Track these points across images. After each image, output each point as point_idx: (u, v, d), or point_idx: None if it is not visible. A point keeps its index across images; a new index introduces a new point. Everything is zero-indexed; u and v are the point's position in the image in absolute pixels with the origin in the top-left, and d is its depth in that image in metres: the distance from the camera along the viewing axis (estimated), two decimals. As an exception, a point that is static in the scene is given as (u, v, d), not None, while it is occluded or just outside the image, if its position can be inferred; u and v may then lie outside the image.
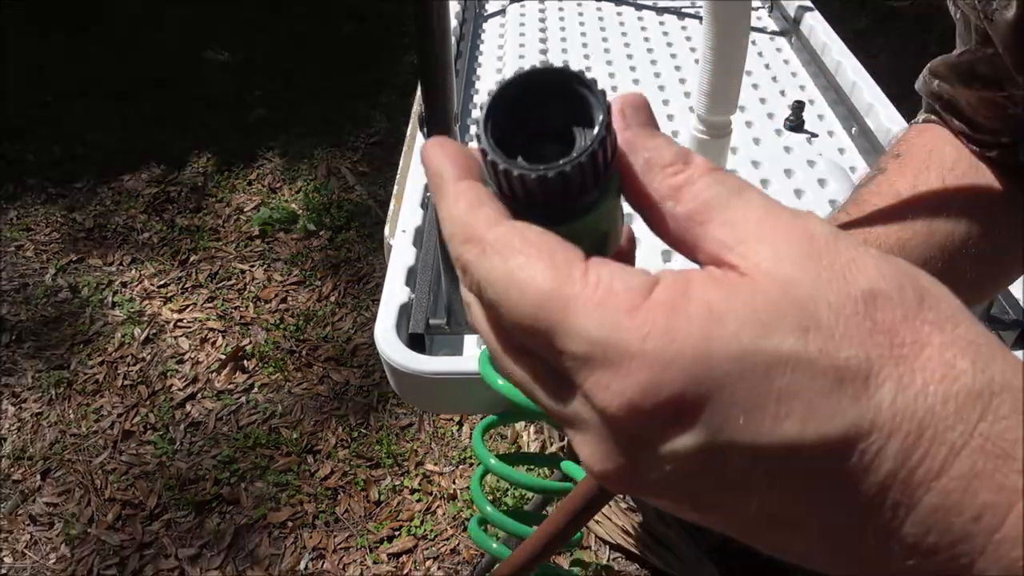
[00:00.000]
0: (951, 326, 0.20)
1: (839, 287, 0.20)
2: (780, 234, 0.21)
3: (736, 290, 0.20)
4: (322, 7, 3.66)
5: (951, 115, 0.55)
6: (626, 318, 0.20)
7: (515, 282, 0.21)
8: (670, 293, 0.20)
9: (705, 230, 0.22)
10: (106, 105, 3.01)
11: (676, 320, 0.20)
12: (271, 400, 1.90)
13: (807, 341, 0.19)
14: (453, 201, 0.24)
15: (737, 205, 0.22)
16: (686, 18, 1.43)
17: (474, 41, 1.37)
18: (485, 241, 0.22)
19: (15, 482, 1.75)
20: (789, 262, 0.20)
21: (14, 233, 2.44)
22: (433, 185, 0.25)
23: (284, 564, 1.58)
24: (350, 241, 2.36)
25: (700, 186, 0.23)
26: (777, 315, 0.19)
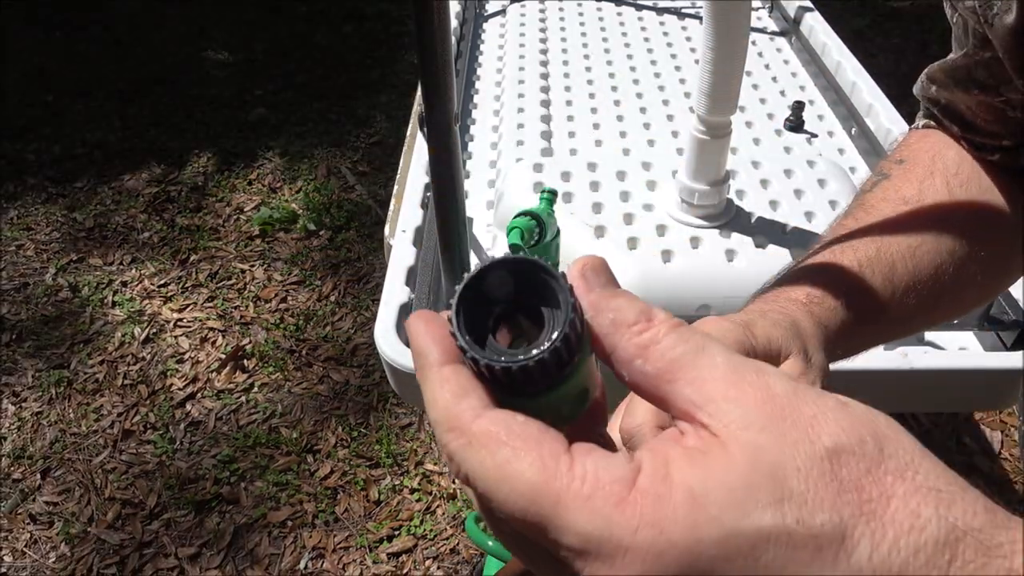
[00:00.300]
0: (911, 473, 0.21)
1: (805, 448, 0.21)
2: (745, 394, 0.22)
3: (711, 469, 0.21)
4: (322, 7, 3.66)
5: (950, 120, 0.55)
6: (616, 512, 0.21)
7: (504, 477, 0.22)
8: (653, 480, 0.21)
9: (674, 388, 0.23)
10: (106, 105, 3.01)
11: (662, 510, 0.21)
12: (271, 400, 1.90)
13: (784, 514, 0.20)
14: (438, 387, 0.24)
15: (702, 364, 0.23)
16: (686, 18, 1.43)
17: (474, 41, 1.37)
18: (471, 433, 0.23)
19: (15, 481, 1.75)
20: (756, 426, 0.22)
21: (14, 232, 2.44)
22: (417, 364, 0.26)
23: (284, 563, 1.58)
24: (350, 241, 2.36)
25: (666, 345, 0.24)
26: (753, 491, 0.21)
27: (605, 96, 1.19)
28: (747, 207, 0.89)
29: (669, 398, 0.24)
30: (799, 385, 0.23)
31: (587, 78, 1.23)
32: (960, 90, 0.53)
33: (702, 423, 0.23)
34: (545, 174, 0.93)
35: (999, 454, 1.76)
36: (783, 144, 1.10)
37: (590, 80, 1.23)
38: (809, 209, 0.90)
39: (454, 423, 0.24)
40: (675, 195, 0.87)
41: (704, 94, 0.78)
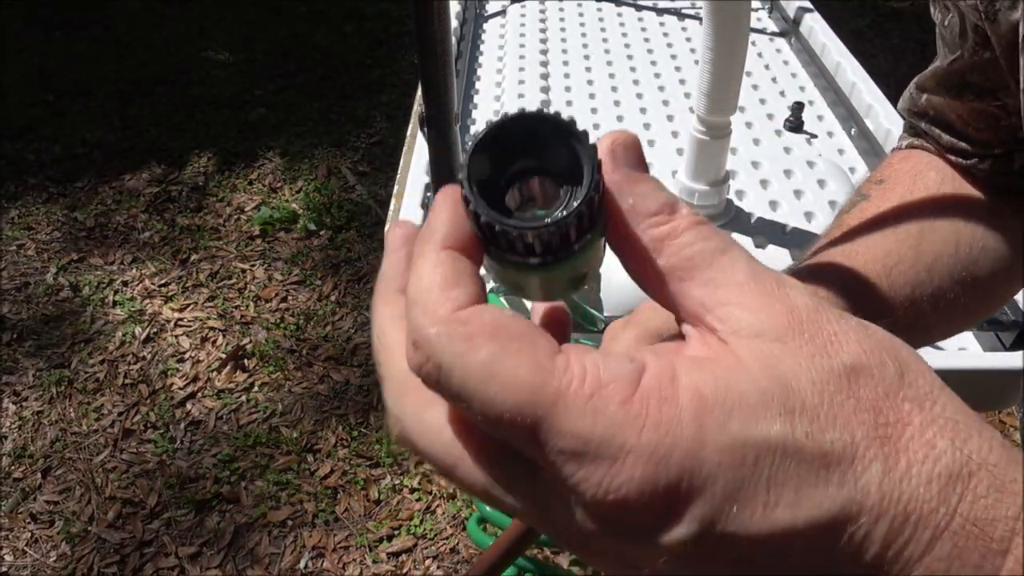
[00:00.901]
0: (929, 403, 0.20)
1: (821, 362, 0.20)
2: (762, 302, 0.21)
3: (721, 372, 0.20)
4: (322, 7, 3.66)
5: (941, 129, 0.55)
6: (620, 412, 0.19)
7: (493, 375, 0.20)
8: (659, 380, 0.20)
9: (685, 287, 0.22)
10: (107, 105, 3.01)
11: (668, 411, 0.19)
12: (271, 399, 1.90)
13: (793, 425, 0.19)
14: (431, 267, 0.22)
15: (721, 264, 0.22)
16: (686, 18, 1.43)
17: (474, 41, 1.37)
18: (455, 320, 0.21)
19: (16, 480, 1.75)
20: (771, 335, 0.20)
21: (15, 232, 2.44)
22: (420, 237, 0.23)
23: (284, 563, 1.58)
24: (350, 241, 2.36)
25: (684, 240, 0.22)
26: (764, 398, 0.20)
27: (605, 96, 1.19)
28: (747, 207, 0.89)
29: (678, 297, 0.22)
30: (821, 303, 0.21)
31: (587, 78, 1.23)
32: (952, 97, 0.53)
33: (710, 327, 0.21)
34: (545, 174, 0.93)
35: (999, 454, 1.76)
36: (783, 144, 1.10)
37: (590, 80, 1.23)
38: (809, 209, 0.90)
39: (435, 307, 0.21)
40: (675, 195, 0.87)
41: (704, 94, 0.78)
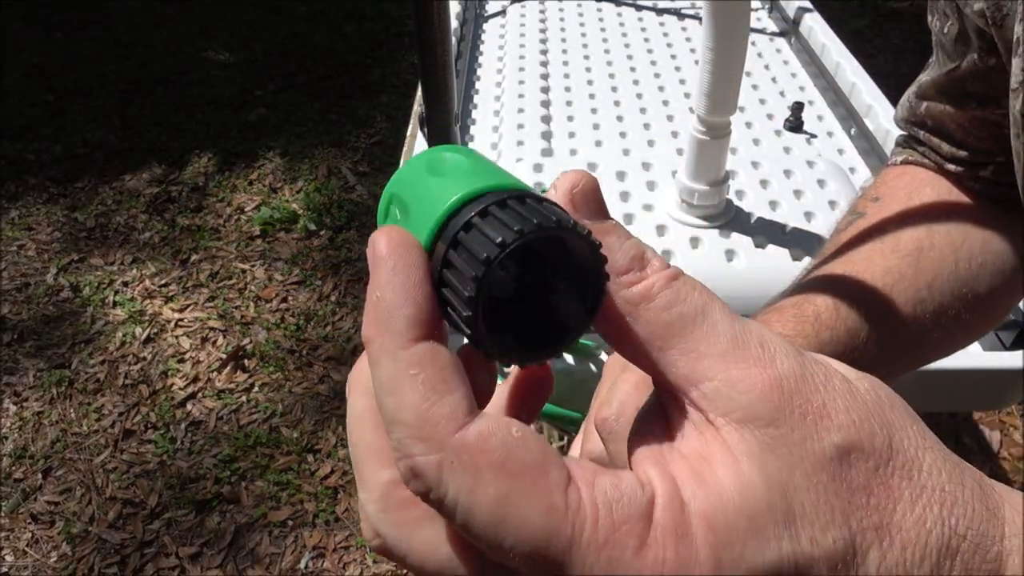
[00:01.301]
0: (916, 470, 0.21)
1: (812, 447, 0.20)
2: (750, 377, 0.20)
3: (724, 491, 0.20)
4: (322, 7, 3.66)
5: (940, 139, 0.54)
6: (636, 561, 0.19)
7: (505, 519, 0.19)
8: (671, 514, 0.19)
9: (666, 356, 0.21)
10: (107, 105, 3.01)
11: (684, 552, 0.19)
12: (271, 399, 1.90)
13: (799, 537, 0.20)
14: (406, 375, 0.19)
15: (701, 332, 0.21)
16: (686, 19, 1.43)
17: (474, 41, 1.37)
18: (454, 448, 0.19)
19: (16, 480, 1.75)
20: (762, 419, 0.20)
21: (16, 232, 2.44)
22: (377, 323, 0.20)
23: (284, 563, 1.58)
24: (351, 241, 2.36)
25: (660, 304, 0.21)
26: (770, 517, 0.20)
27: (605, 96, 1.19)
28: (747, 207, 0.90)
29: (660, 367, 0.21)
30: (805, 360, 0.21)
31: (587, 78, 1.23)
32: (954, 106, 0.52)
33: (697, 405, 0.21)
34: (545, 174, 0.93)
35: (998, 454, 1.76)
36: (783, 144, 1.10)
37: (590, 80, 1.23)
38: (809, 209, 0.90)
39: (429, 431, 0.19)
40: (675, 195, 0.88)
41: (704, 94, 0.79)
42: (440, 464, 0.19)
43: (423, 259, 0.21)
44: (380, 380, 0.20)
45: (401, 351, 0.20)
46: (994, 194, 0.53)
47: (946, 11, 0.50)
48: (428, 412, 0.19)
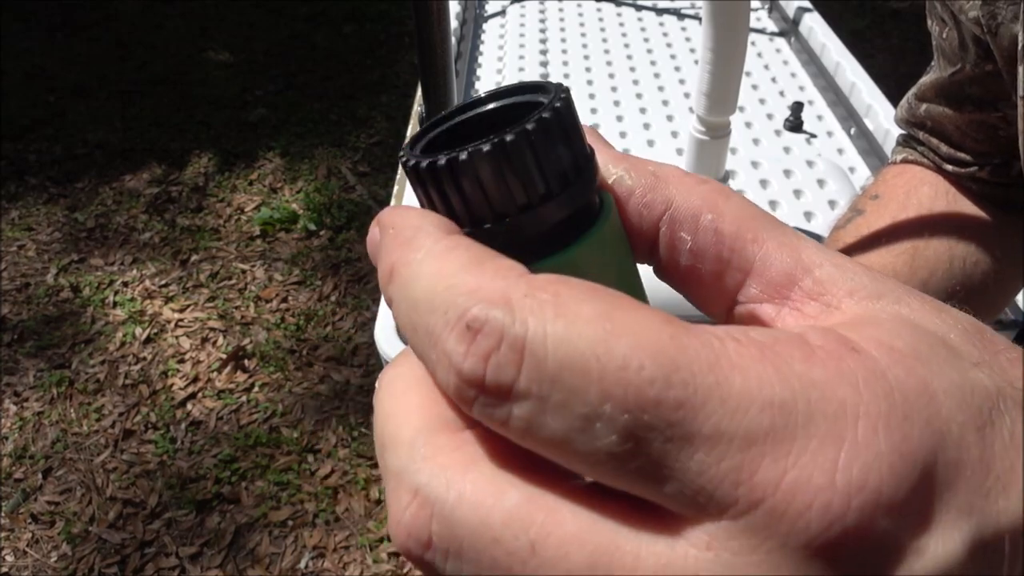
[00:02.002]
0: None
1: (951, 320, 0.16)
2: (856, 266, 0.17)
3: (885, 327, 0.15)
4: (323, 8, 3.66)
5: (939, 140, 0.55)
6: (815, 368, 0.13)
7: (615, 334, 0.13)
8: (831, 337, 0.14)
9: (765, 249, 0.17)
10: (107, 105, 3.01)
11: (872, 362, 0.14)
12: (272, 399, 1.90)
13: (989, 375, 0.15)
14: (445, 250, 0.15)
15: (788, 230, 0.17)
16: (686, 19, 1.43)
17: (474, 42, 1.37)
18: (524, 290, 0.14)
19: (17, 481, 1.75)
20: (891, 297, 0.16)
21: (16, 233, 2.44)
22: (399, 240, 0.16)
23: (284, 563, 1.58)
24: (350, 241, 2.36)
25: (738, 201, 0.18)
26: (949, 349, 0.15)
27: (605, 96, 1.19)
28: (746, 207, 0.90)
29: (754, 263, 0.17)
30: None
31: (587, 78, 1.23)
32: (952, 108, 0.53)
33: (810, 291, 0.16)
34: (545, 174, 0.93)
35: (999, 454, 1.77)
36: (782, 144, 1.10)
37: (590, 80, 1.23)
38: (808, 209, 0.90)
39: (483, 281, 0.14)
40: (674, 195, 0.87)
41: (703, 94, 0.79)
42: (508, 299, 0.13)
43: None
44: (409, 279, 0.15)
45: (434, 242, 0.15)
46: (991, 195, 0.54)
47: (943, 17, 0.50)
48: (481, 266, 0.14)
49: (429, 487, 0.14)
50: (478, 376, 0.13)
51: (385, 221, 0.17)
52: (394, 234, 0.16)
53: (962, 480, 0.13)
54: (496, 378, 0.13)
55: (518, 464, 0.14)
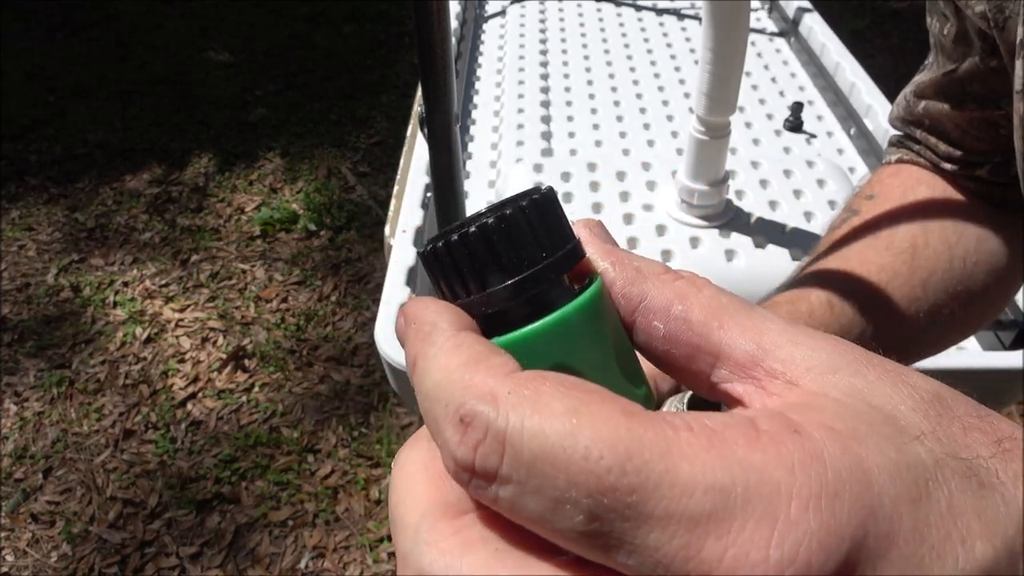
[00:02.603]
0: (1015, 424, 0.18)
1: (907, 391, 0.17)
2: (818, 341, 0.18)
3: (829, 408, 0.16)
4: (323, 8, 3.66)
5: (937, 138, 0.54)
6: (755, 453, 0.15)
7: (579, 429, 0.15)
8: (777, 421, 0.16)
9: (730, 335, 0.19)
10: (108, 105, 3.01)
11: (810, 444, 0.15)
12: (272, 399, 1.90)
13: (931, 448, 0.16)
14: (453, 347, 0.18)
15: (754, 314, 0.19)
16: (686, 19, 1.43)
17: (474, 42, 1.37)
18: (509, 387, 0.16)
19: (17, 481, 1.75)
20: (846, 369, 0.18)
21: (16, 233, 2.44)
22: (420, 335, 0.19)
23: (284, 563, 1.58)
24: (351, 241, 2.36)
25: (708, 292, 0.20)
26: (889, 427, 0.16)
27: (605, 96, 1.19)
28: (746, 207, 0.90)
29: (721, 348, 0.19)
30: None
31: (587, 78, 1.23)
32: (952, 106, 0.52)
33: (772, 371, 0.18)
34: (545, 174, 0.93)
35: (999, 454, 1.77)
36: (782, 144, 1.10)
37: (590, 80, 1.23)
38: (808, 209, 0.90)
39: (477, 379, 0.17)
40: (675, 195, 0.88)
41: (703, 94, 0.79)
42: (495, 396, 0.16)
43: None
44: (429, 366, 0.18)
45: (445, 339, 0.18)
46: (989, 194, 0.54)
47: (945, 12, 0.50)
48: (477, 364, 0.17)
49: (431, 569, 0.17)
50: (469, 462, 0.16)
51: (409, 315, 0.20)
52: (416, 328, 0.19)
53: (894, 550, 0.15)
54: (483, 465, 0.16)
55: (513, 540, 0.17)
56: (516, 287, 0.19)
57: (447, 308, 0.19)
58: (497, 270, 0.19)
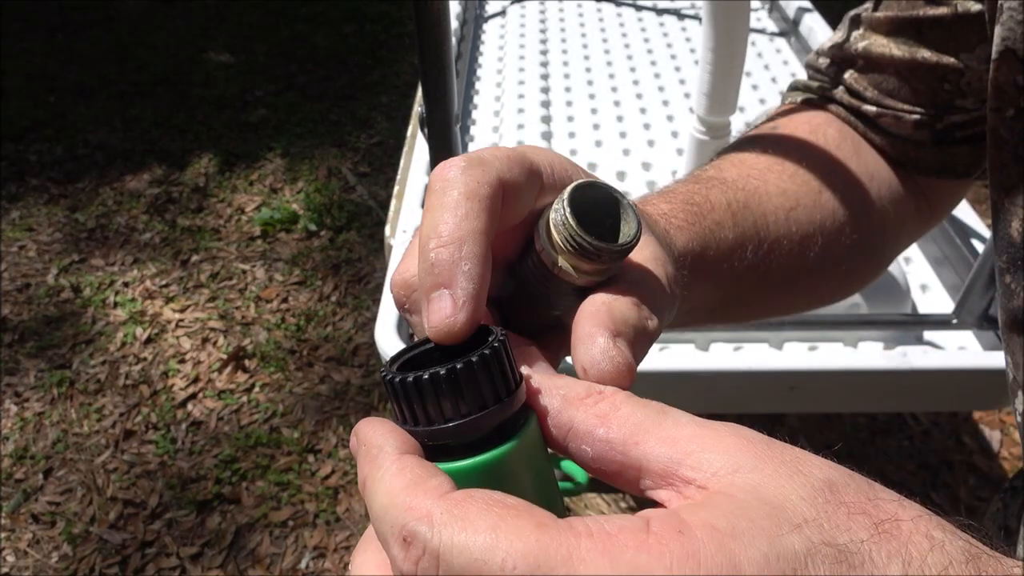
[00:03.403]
0: (907, 503, 0.21)
1: (800, 480, 0.20)
2: (724, 443, 0.21)
3: (720, 509, 0.20)
4: (323, 8, 3.66)
5: (868, 82, 0.52)
6: (641, 554, 0.18)
7: (497, 542, 0.19)
8: (667, 523, 0.19)
9: (646, 450, 0.22)
10: (108, 105, 3.02)
11: (690, 544, 0.18)
12: (272, 400, 1.90)
13: (808, 536, 0.19)
14: (396, 473, 0.21)
15: (667, 423, 0.22)
16: (686, 19, 1.43)
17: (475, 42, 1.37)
18: (442, 505, 0.20)
19: (18, 481, 1.75)
20: (746, 467, 0.21)
21: (16, 233, 2.45)
22: (368, 458, 0.23)
23: (285, 563, 1.58)
24: (351, 241, 2.36)
25: (626, 411, 0.23)
26: (773, 520, 0.19)
27: (605, 96, 1.19)
28: (746, 207, 0.90)
29: (643, 463, 0.22)
30: (770, 436, 0.22)
31: (587, 78, 1.23)
32: (903, 48, 0.50)
33: (685, 479, 0.21)
34: (545, 174, 0.93)
35: (998, 453, 1.76)
36: (783, 144, 1.10)
37: (590, 80, 1.23)
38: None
39: (416, 502, 0.20)
40: (675, 195, 0.87)
41: (704, 95, 0.79)
42: (430, 517, 0.20)
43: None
44: (374, 485, 0.22)
45: (390, 462, 0.22)
46: (899, 150, 0.53)
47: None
48: (416, 488, 0.21)
49: None
50: (409, 567, 0.20)
51: (360, 436, 0.24)
52: (365, 451, 0.23)
53: None
54: (408, 564, 0.20)
55: None
56: (455, 429, 0.23)
57: (392, 432, 0.23)
58: (442, 412, 0.23)
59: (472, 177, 0.26)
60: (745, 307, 0.51)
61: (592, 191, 0.27)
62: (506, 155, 0.28)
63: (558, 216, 0.27)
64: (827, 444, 1.37)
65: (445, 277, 0.25)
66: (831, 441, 1.69)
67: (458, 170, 0.26)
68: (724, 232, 0.43)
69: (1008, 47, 0.39)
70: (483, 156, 0.27)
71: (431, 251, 0.25)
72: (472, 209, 0.26)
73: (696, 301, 0.41)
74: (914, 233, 0.58)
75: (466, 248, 0.25)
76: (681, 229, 0.41)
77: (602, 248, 0.26)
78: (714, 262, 0.43)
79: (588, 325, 0.27)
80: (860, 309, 0.91)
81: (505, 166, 0.27)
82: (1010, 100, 0.40)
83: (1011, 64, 0.39)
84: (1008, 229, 0.41)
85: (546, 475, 0.25)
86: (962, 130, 0.51)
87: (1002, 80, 0.40)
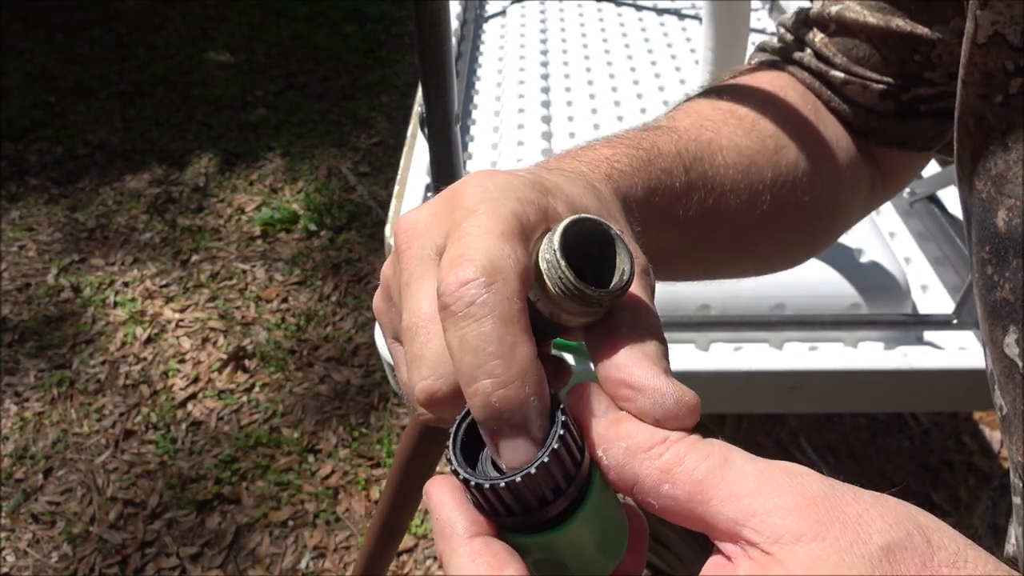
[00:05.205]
0: (961, 562, 0.21)
1: (860, 549, 0.21)
2: (785, 501, 0.22)
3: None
4: (323, 8, 3.66)
5: (838, 48, 0.51)
6: None
7: None
8: None
9: (710, 508, 0.23)
10: (108, 105, 3.02)
11: None
12: (272, 400, 1.90)
13: None
14: (469, 561, 0.23)
15: (732, 478, 0.23)
16: (686, 19, 1.43)
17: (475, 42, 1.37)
18: None
19: (17, 481, 1.75)
20: (809, 534, 0.21)
21: (16, 233, 2.45)
22: (441, 535, 0.25)
23: (285, 563, 1.58)
24: (351, 241, 2.36)
25: (690, 464, 0.23)
26: None
27: (605, 96, 1.19)
28: (746, 207, 0.89)
29: (708, 520, 0.23)
30: (832, 481, 0.23)
31: (587, 78, 1.23)
32: (877, 14, 0.49)
33: (749, 541, 0.22)
34: (545, 174, 0.93)
35: (998, 454, 1.76)
36: (783, 144, 1.10)
37: (590, 80, 1.23)
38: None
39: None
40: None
41: (703, 94, 0.78)
42: None
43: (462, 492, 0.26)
44: (450, 570, 0.24)
45: (463, 546, 0.24)
46: (861, 120, 0.52)
47: None
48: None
49: None
50: None
51: (430, 506, 0.25)
52: (437, 526, 0.25)
53: None
54: None
55: None
56: (524, 521, 0.24)
57: (459, 508, 0.25)
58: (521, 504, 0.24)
59: (501, 296, 0.24)
60: (689, 259, 0.49)
61: (575, 227, 0.26)
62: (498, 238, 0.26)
63: (553, 272, 0.25)
64: (827, 444, 1.39)
65: (518, 420, 0.24)
66: (831, 441, 1.69)
67: (479, 288, 0.24)
68: (671, 180, 0.42)
69: (998, 31, 0.38)
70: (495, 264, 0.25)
71: (492, 395, 0.24)
72: (516, 336, 0.24)
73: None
74: (866, 205, 0.58)
75: (528, 385, 0.24)
76: (624, 174, 0.39)
77: (603, 295, 0.26)
78: (659, 209, 0.42)
79: (638, 373, 0.25)
80: (860, 309, 0.91)
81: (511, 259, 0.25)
82: (999, 86, 0.39)
83: (1000, 49, 0.38)
84: (993, 219, 0.39)
85: (612, 518, 0.26)
86: (926, 104, 0.50)
87: (991, 66, 0.39)
